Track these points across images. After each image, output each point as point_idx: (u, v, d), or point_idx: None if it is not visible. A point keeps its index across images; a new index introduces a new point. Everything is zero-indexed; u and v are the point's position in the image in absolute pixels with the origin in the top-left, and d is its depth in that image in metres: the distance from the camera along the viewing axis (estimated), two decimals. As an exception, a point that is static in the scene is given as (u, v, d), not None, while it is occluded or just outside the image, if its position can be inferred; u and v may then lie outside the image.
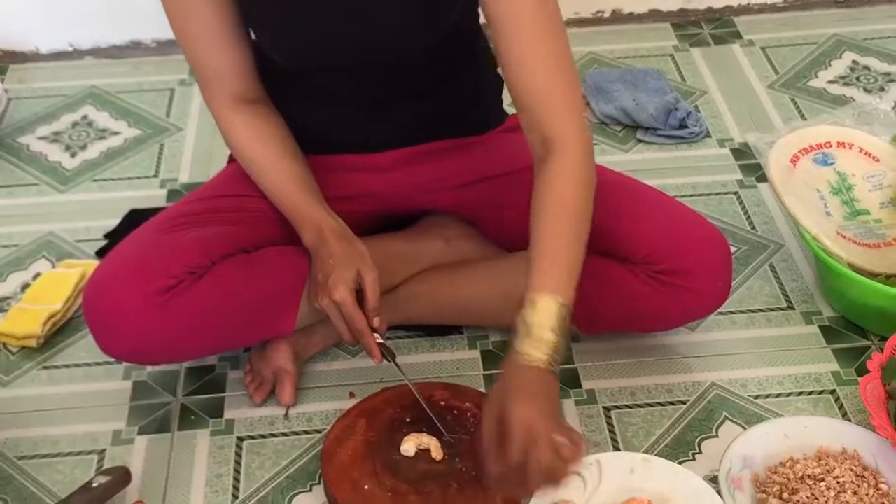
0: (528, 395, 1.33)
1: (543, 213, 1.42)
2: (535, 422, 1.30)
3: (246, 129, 1.59)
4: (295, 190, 1.58)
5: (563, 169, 1.43)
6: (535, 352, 1.35)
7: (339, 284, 1.48)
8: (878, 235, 1.77)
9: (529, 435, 1.29)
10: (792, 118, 2.26)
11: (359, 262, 1.51)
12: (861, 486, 1.46)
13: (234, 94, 1.58)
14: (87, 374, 1.75)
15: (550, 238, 1.41)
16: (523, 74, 1.44)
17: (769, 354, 1.74)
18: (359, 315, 1.49)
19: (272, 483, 1.56)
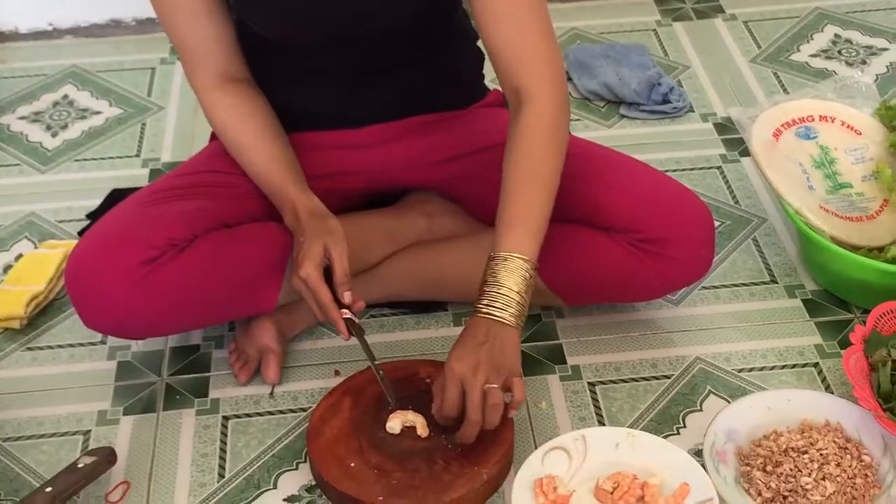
0: (471, 345, 1.40)
1: (513, 170, 1.46)
2: (467, 370, 1.39)
3: (227, 108, 1.59)
4: (274, 170, 1.58)
5: (534, 122, 1.46)
6: (497, 310, 1.41)
7: (305, 260, 1.48)
8: (861, 209, 1.77)
9: (461, 382, 1.39)
10: (774, 92, 2.26)
11: (326, 237, 1.50)
12: (844, 457, 1.47)
13: (217, 72, 1.58)
14: (72, 355, 1.74)
15: (518, 197, 1.45)
16: (495, 23, 1.46)
17: (752, 328, 1.75)
18: (324, 290, 1.48)
19: (258, 462, 1.56)
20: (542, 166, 1.46)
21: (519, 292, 1.42)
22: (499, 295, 1.42)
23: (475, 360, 1.40)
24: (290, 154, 1.60)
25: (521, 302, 1.43)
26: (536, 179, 1.46)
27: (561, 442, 1.51)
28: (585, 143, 1.73)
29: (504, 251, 1.43)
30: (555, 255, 1.63)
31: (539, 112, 1.47)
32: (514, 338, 1.43)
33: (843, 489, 1.44)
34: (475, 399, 1.40)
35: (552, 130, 1.48)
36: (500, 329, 1.42)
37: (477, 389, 1.39)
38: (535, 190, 1.45)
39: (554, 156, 1.48)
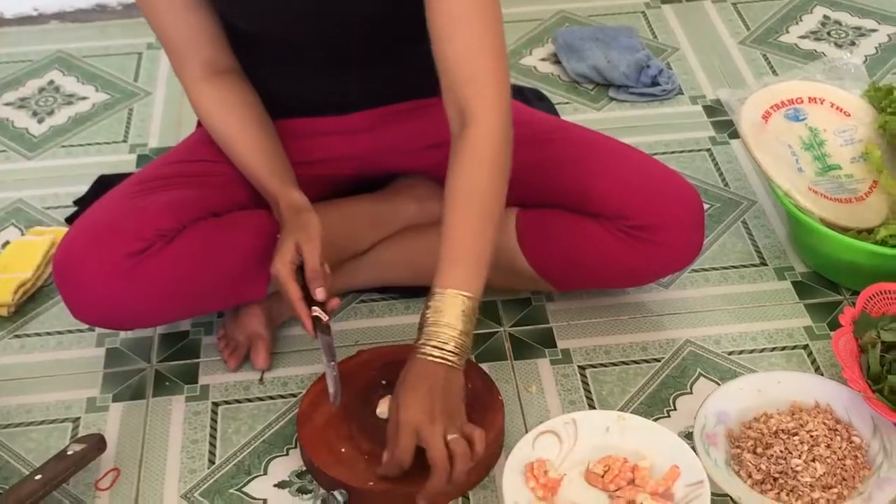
0: (420, 391, 1.35)
1: (453, 200, 1.41)
2: (423, 419, 1.34)
3: (213, 99, 1.58)
4: (257, 161, 1.57)
5: (478, 147, 1.42)
6: (437, 349, 1.37)
7: (276, 257, 1.48)
8: (850, 190, 1.77)
9: (416, 432, 1.34)
10: (763, 74, 2.26)
11: (298, 234, 1.48)
12: (834, 439, 1.48)
13: (203, 64, 1.57)
14: (60, 342, 1.74)
15: (459, 229, 1.40)
16: (446, 36, 1.42)
17: (742, 311, 1.75)
18: (292, 287, 1.47)
19: (248, 448, 1.56)
20: (485, 195, 1.42)
21: (461, 331, 1.38)
22: (440, 334, 1.37)
23: (428, 409, 1.35)
24: (274, 144, 1.59)
25: (464, 340, 1.39)
26: (478, 210, 1.41)
27: (551, 426, 1.51)
28: (574, 127, 1.72)
29: (446, 287, 1.38)
30: (545, 241, 1.62)
31: (482, 136, 1.42)
32: (459, 379, 1.39)
33: (833, 470, 1.44)
34: (440, 450, 1.34)
35: (495, 156, 1.43)
36: (445, 372, 1.37)
37: (438, 440, 1.34)
38: (477, 221, 1.41)
39: (497, 183, 1.43)
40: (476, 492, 1.48)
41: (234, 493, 1.50)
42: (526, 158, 1.58)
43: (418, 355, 1.39)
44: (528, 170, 1.60)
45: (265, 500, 1.49)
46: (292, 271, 1.48)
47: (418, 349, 1.39)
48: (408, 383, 1.38)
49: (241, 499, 1.49)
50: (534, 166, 1.61)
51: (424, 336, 1.39)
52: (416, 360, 1.39)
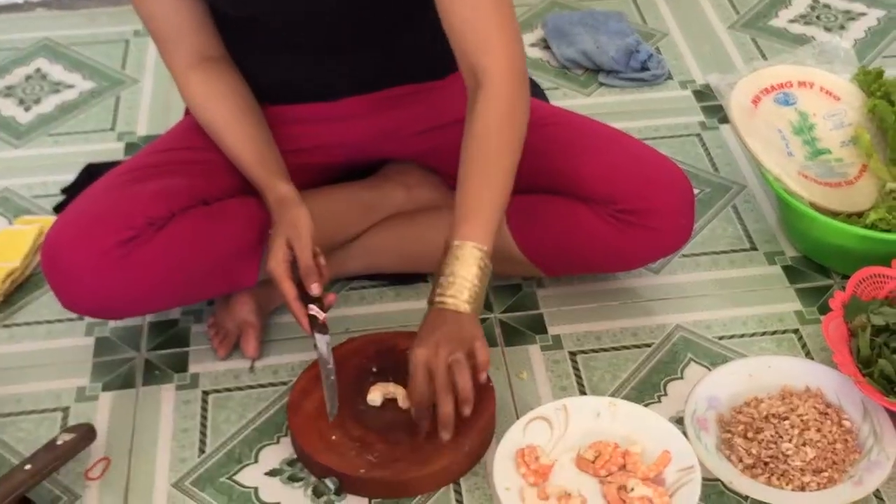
0: (429, 334, 1.40)
1: (469, 155, 1.45)
2: (429, 351, 1.39)
3: (201, 88, 1.57)
4: (246, 152, 1.56)
5: (491, 105, 1.45)
6: (452, 298, 1.41)
7: (269, 256, 1.50)
8: (840, 174, 1.77)
9: (426, 365, 1.39)
10: (753, 58, 2.25)
11: (289, 231, 1.49)
12: (824, 423, 1.48)
13: (192, 50, 1.56)
14: (49, 332, 1.73)
15: (474, 183, 1.44)
16: (453, 7, 1.44)
17: (733, 295, 1.75)
18: (286, 286, 1.48)
19: (239, 436, 1.56)
20: (499, 151, 1.45)
21: (476, 282, 1.42)
22: (454, 284, 1.42)
23: (434, 341, 1.40)
24: (263, 133, 1.59)
25: (477, 290, 1.42)
26: (493, 165, 1.45)
27: (542, 412, 1.51)
28: (564, 112, 1.72)
29: (460, 239, 1.42)
30: (535, 226, 1.62)
31: (496, 94, 1.45)
32: (473, 322, 1.43)
33: (823, 454, 1.44)
34: (442, 373, 1.40)
35: (509, 113, 1.46)
36: (459, 317, 1.41)
37: (442, 365, 1.40)
38: (491, 177, 1.44)
39: (511, 140, 1.46)
40: (467, 478, 1.48)
41: (225, 481, 1.50)
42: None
43: (433, 305, 1.43)
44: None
45: (256, 489, 1.49)
46: (286, 269, 1.49)
47: (434, 299, 1.43)
48: (424, 331, 1.42)
49: (232, 487, 1.49)
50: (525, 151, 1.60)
51: (440, 287, 1.43)
52: (432, 309, 1.44)
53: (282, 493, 1.48)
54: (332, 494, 1.46)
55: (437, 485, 1.47)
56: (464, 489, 1.47)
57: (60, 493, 1.48)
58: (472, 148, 1.45)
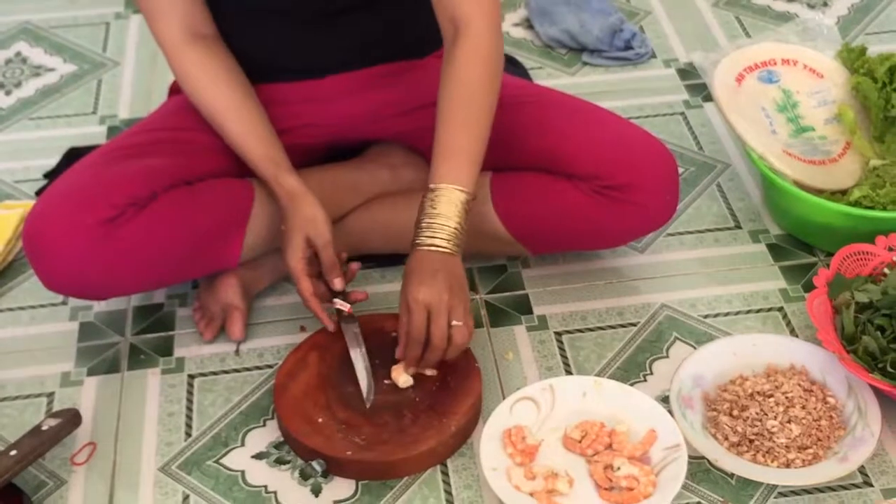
0: (428, 276, 1.42)
1: (447, 99, 1.48)
2: (433, 297, 1.42)
3: (197, 69, 1.56)
4: (251, 143, 1.56)
5: (471, 51, 1.48)
6: (437, 240, 1.44)
7: (286, 253, 1.52)
8: (823, 152, 1.78)
9: (426, 308, 1.42)
10: (736, 36, 2.25)
11: (307, 228, 1.52)
12: (809, 400, 1.48)
13: (184, 25, 1.55)
14: (33, 317, 1.72)
15: (452, 126, 1.47)
16: None
17: (717, 274, 1.75)
18: (305, 284, 1.52)
19: (225, 420, 1.56)
20: (480, 96, 1.48)
21: (459, 222, 1.45)
22: (441, 227, 1.44)
23: (438, 289, 1.42)
24: (264, 121, 1.58)
25: (462, 232, 1.46)
26: (473, 109, 1.47)
27: (529, 392, 1.51)
28: (548, 90, 1.72)
29: (442, 182, 1.45)
30: (519, 203, 1.62)
31: (476, 41, 1.48)
32: (461, 268, 1.46)
33: (808, 431, 1.45)
34: (442, 325, 1.43)
35: (489, 59, 1.49)
36: (444, 258, 1.44)
37: (443, 316, 1.43)
38: (471, 120, 1.47)
39: (491, 85, 1.49)
40: (454, 459, 1.48)
41: (212, 465, 1.50)
42: (500, 122, 1.58)
43: (417, 248, 1.45)
44: (502, 133, 1.60)
45: (243, 472, 1.49)
46: (306, 266, 1.52)
47: (416, 242, 1.45)
48: (411, 272, 1.44)
49: (219, 470, 1.49)
50: (508, 130, 1.61)
51: (421, 229, 1.45)
52: (415, 252, 1.46)
53: (269, 476, 1.48)
54: (318, 477, 1.46)
55: (423, 466, 1.47)
56: (451, 470, 1.48)
57: (46, 479, 1.48)
58: (455, 93, 1.47)
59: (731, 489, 1.44)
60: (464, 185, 1.45)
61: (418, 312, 1.43)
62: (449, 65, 1.49)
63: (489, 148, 1.51)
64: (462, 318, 1.45)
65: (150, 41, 2.26)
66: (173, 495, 1.46)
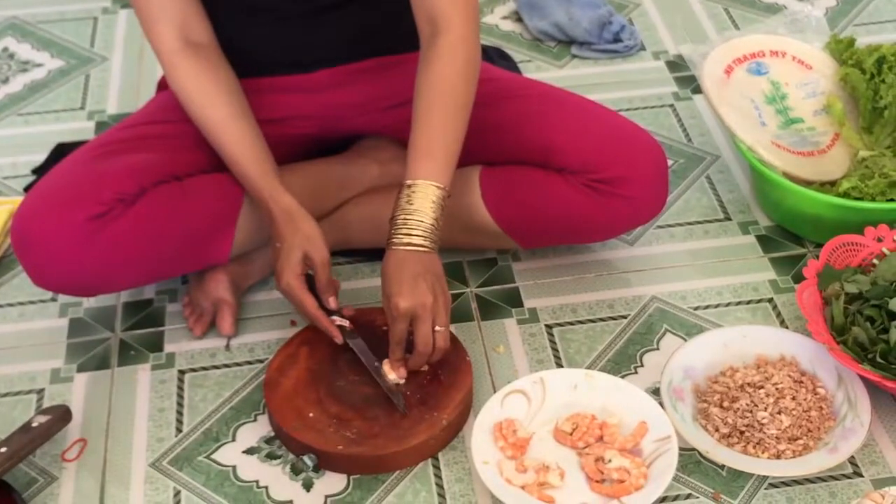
0: (408, 281, 1.42)
1: (424, 96, 1.48)
2: (416, 307, 1.42)
3: (193, 81, 1.54)
4: (246, 160, 1.54)
5: (451, 48, 1.48)
6: (414, 238, 1.43)
7: (284, 271, 1.51)
8: (813, 143, 1.78)
9: (409, 317, 1.43)
10: (725, 28, 2.25)
11: (306, 246, 1.51)
12: (799, 391, 1.49)
13: (181, 34, 1.53)
14: (22, 314, 1.72)
15: (429, 122, 1.47)
16: None
17: (707, 266, 1.76)
18: (308, 300, 1.51)
19: (216, 415, 1.55)
20: (459, 92, 1.48)
21: (435, 219, 1.44)
22: (417, 223, 1.44)
23: (420, 295, 1.42)
24: (258, 136, 1.57)
25: (438, 228, 1.45)
26: (452, 105, 1.48)
27: (519, 385, 1.51)
28: (537, 83, 1.71)
29: (419, 178, 1.44)
30: (509, 197, 1.62)
31: (455, 39, 1.48)
32: (436, 261, 1.46)
33: (798, 422, 1.45)
34: (426, 332, 1.43)
35: (468, 57, 1.49)
36: (421, 257, 1.44)
37: (427, 323, 1.43)
38: (450, 116, 1.47)
39: (470, 82, 1.49)
40: (445, 452, 1.48)
41: (203, 460, 1.49)
42: (490, 116, 1.58)
43: (393, 247, 1.44)
44: (492, 127, 1.60)
45: (234, 467, 1.48)
46: (304, 283, 1.51)
47: (392, 240, 1.45)
48: (390, 274, 1.44)
49: (210, 466, 1.49)
50: (498, 123, 1.61)
51: (396, 226, 1.45)
52: (391, 251, 1.45)
53: (260, 471, 1.48)
54: (310, 471, 1.46)
55: (415, 460, 1.47)
56: (442, 463, 1.48)
57: (37, 476, 1.48)
58: (433, 90, 1.47)
59: (722, 480, 1.44)
60: (440, 182, 1.45)
61: (401, 321, 1.43)
62: (427, 63, 1.48)
63: (478, 141, 1.51)
64: (444, 321, 1.45)
65: (138, 36, 2.27)
66: (164, 491, 1.46)
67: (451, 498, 1.44)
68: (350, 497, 1.44)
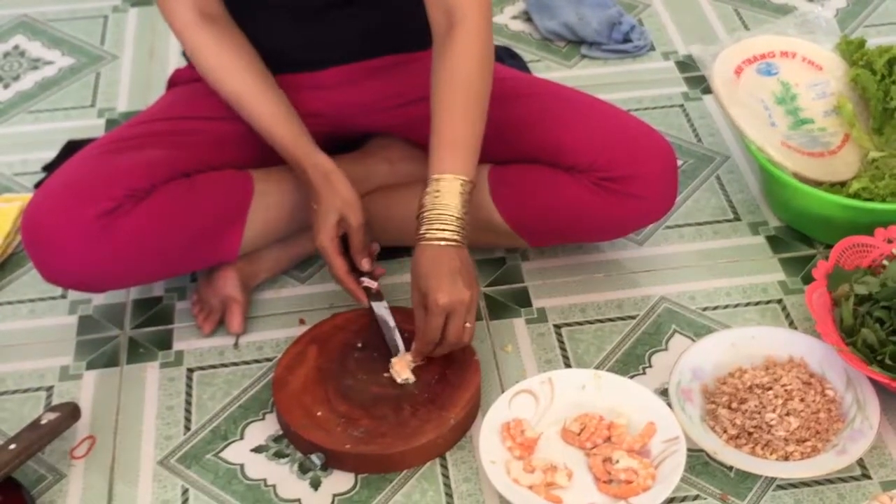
0: (447, 277, 1.43)
1: (443, 89, 1.48)
2: (455, 303, 1.43)
3: (215, 52, 1.56)
4: (279, 126, 1.56)
5: (468, 41, 1.48)
6: (444, 233, 1.44)
7: (320, 231, 1.52)
8: (823, 144, 1.77)
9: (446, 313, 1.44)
10: (735, 29, 2.25)
11: (343, 208, 1.53)
12: (808, 392, 1.48)
13: (194, 4, 1.54)
14: (32, 310, 1.72)
15: (450, 115, 1.47)
16: None
17: (717, 266, 1.75)
18: (338, 262, 1.53)
19: (224, 413, 1.56)
20: (478, 84, 1.49)
21: (465, 212, 1.45)
22: (449, 218, 1.44)
23: (459, 291, 1.43)
24: (286, 103, 1.59)
25: (467, 222, 1.46)
26: (471, 99, 1.48)
27: (528, 385, 1.51)
28: (546, 83, 1.71)
29: (445, 173, 1.45)
30: (519, 196, 1.62)
31: (472, 32, 1.48)
32: (467, 255, 1.47)
33: (807, 424, 1.45)
34: (459, 326, 1.45)
35: (485, 49, 1.50)
36: (454, 252, 1.44)
37: (462, 318, 1.45)
38: (470, 110, 1.48)
39: (486, 75, 1.50)
40: (453, 452, 1.49)
41: (211, 458, 1.50)
42: (499, 114, 1.58)
43: (424, 242, 1.45)
44: (501, 126, 1.60)
45: (242, 465, 1.49)
46: (338, 245, 1.53)
47: (423, 236, 1.45)
48: (426, 271, 1.44)
49: (218, 464, 1.49)
50: (507, 122, 1.61)
51: (426, 222, 1.45)
52: (424, 247, 1.45)
53: (268, 470, 1.48)
54: (318, 470, 1.47)
55: (423, 459, 1.47)
56: (450, 463, 1.48)
57: (46, 473, 1.48)
58: (452, 83, 1.48)
59: (730, 482, 1.44)
60: (465, 175, 1.46)
61: (438, 316, 1.44)
62: (443, 56, 1.49)
63: (488, 140, 1.51)
64: (473, 317, 1.47)
65: (149, 34, 2.28)
66: (172, 489, 1.46)
67: (459, 497, 1.44)
68: (358, 496, 1.44)
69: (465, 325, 1.46)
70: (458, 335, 1.46)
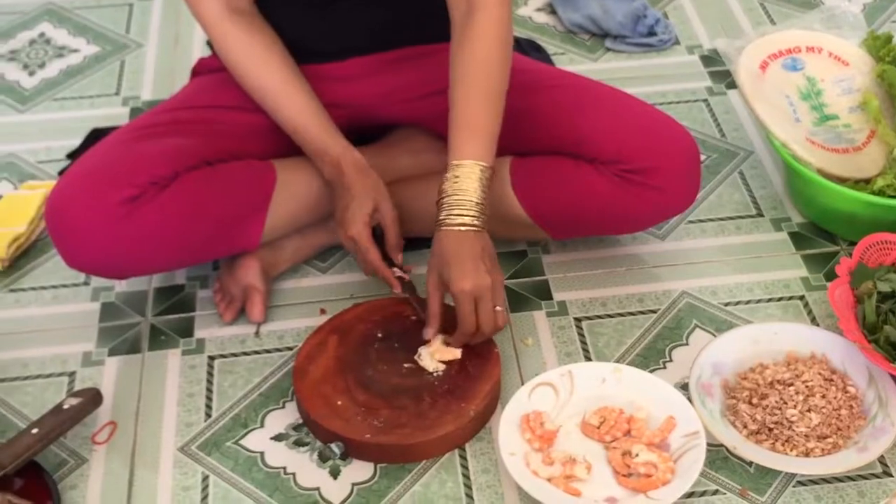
0: (470, 263, 1.44)
1: (463, 75, 1.49)
2: (479, 287, 1.44)
3: (243, 47, 1.57)
4: (308, 121, 1.58)
5: (488, 27, 1.49)
6: (463, 218, 1.45)
7: (356, 220, 1.53)
8: (848, 140, 1.76)
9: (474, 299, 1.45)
10: (761, 23, 2.24)
11: (377, 197, 1.55)
12: (829, 389, 1.48)
13: (224, 1, 1.55)
14: (55, 297, 1.73)
15: (469, 102, 1.48)
16: None
17: (739, 262, 1.75)
18: (374, 251, 1.54)
19: (245, 401, 1.56)
20: (497, 71, 1.50)
21: (484, 198, 1.46)
22: (469, 203, 1.45)
23: (481, 276, 1.44)
24: (314, 97, 1.60)
25: (487, 207, 1.47)
26: (491, 85, 1.49)
27: (548, 377, 1.51)
28: (571, 75, 1.71)
29: (465, 158, 1.46)
30: (541, 187, 1.62)
31: (492, 18, 1.49)
32: (488, 240, 1.48)
33: (828, 420, 1.44)
34: (489, 311, 1.46)
35: (504, 35, 1.51)
36: (476, 237, 1.46)
37: (490, 303, 1.46)
38: (489, 96, 1.48)
39: (505, 62, 1.51)
40: (472, 443, 1.49)
41: (231, 445, 1.50)
42: (522, 106, 1.58)
43: (445, 227, 1.46)
44: (524, 117, 1.59)
45: (262, 453, 1.49)
46: (371, 234, 1.54)
47: (443, 221, 1.47)
48: (449, 257, 1.45)
49: (238, 451, 1.49)
50: (530, 113, 1.61)
51: (447, 208, 1.47)
52: (445, 232, 1.46)
53: (287, 458, 1.48)
54: (337, 459, 1.47)
55: (442, 450, 1.47)
56: (469, 454, 1.48)
57: (67, 457, 1.49)
58: (472, 69, 1.48)
59: (750, 477, 1.44)
60: (485, 161, 1.46)
61: (467, 303, 1.45)
62: (463, 42, 1.49)
63: (510, 131, 1.51)
64: (503, 300, 1.48)
65: (173, 23, 2.28)
66: (193, 475, 1.47)
67: (478, 489, 1.44)
68: (377, 485, 1.45)
69: (495, 309, 1.47)
70: (490, 320, 1.47)
